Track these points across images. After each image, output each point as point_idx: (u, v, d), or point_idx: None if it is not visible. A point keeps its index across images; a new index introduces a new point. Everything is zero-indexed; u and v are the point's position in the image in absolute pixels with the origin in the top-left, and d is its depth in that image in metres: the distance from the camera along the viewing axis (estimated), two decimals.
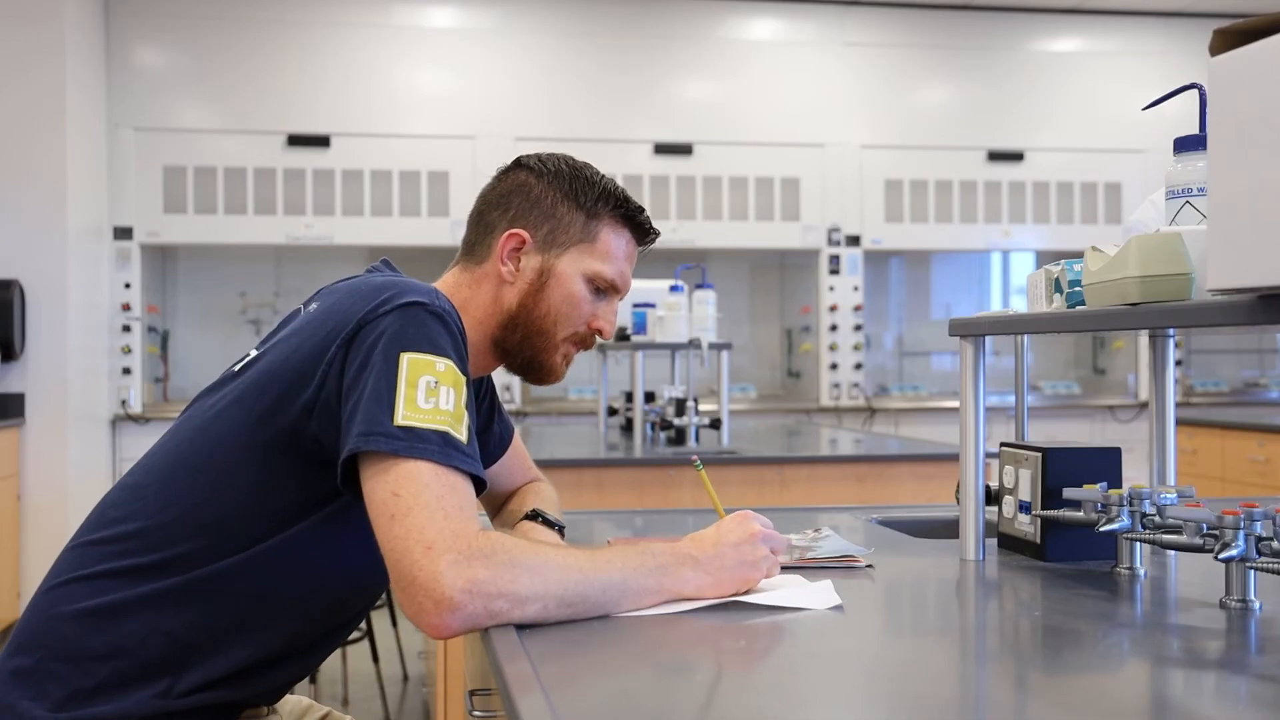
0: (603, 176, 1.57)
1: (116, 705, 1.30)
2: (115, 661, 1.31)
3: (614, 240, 1.55)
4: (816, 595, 1.37)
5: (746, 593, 1.35)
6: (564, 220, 1.53)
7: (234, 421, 1.37)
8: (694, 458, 1.60)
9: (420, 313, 1.31)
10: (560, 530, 1.65)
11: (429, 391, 1.26)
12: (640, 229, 1.59)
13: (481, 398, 1.71)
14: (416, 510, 1.20)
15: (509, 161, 1.60)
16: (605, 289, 1.56)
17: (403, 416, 1.24)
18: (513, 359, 1.57)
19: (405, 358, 1.27)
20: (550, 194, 1.54)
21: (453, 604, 1.16)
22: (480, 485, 1.31)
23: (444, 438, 1.25)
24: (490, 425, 1.73)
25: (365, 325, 1.31)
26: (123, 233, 5.93)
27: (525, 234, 1.52)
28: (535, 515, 1.65)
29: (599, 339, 1.60)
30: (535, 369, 1.57)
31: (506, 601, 1.18)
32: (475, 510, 1.25)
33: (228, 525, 1.35)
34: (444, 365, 1.29)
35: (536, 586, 1.20)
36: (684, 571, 1.31)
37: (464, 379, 1.32)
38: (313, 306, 1.44)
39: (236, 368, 1.45)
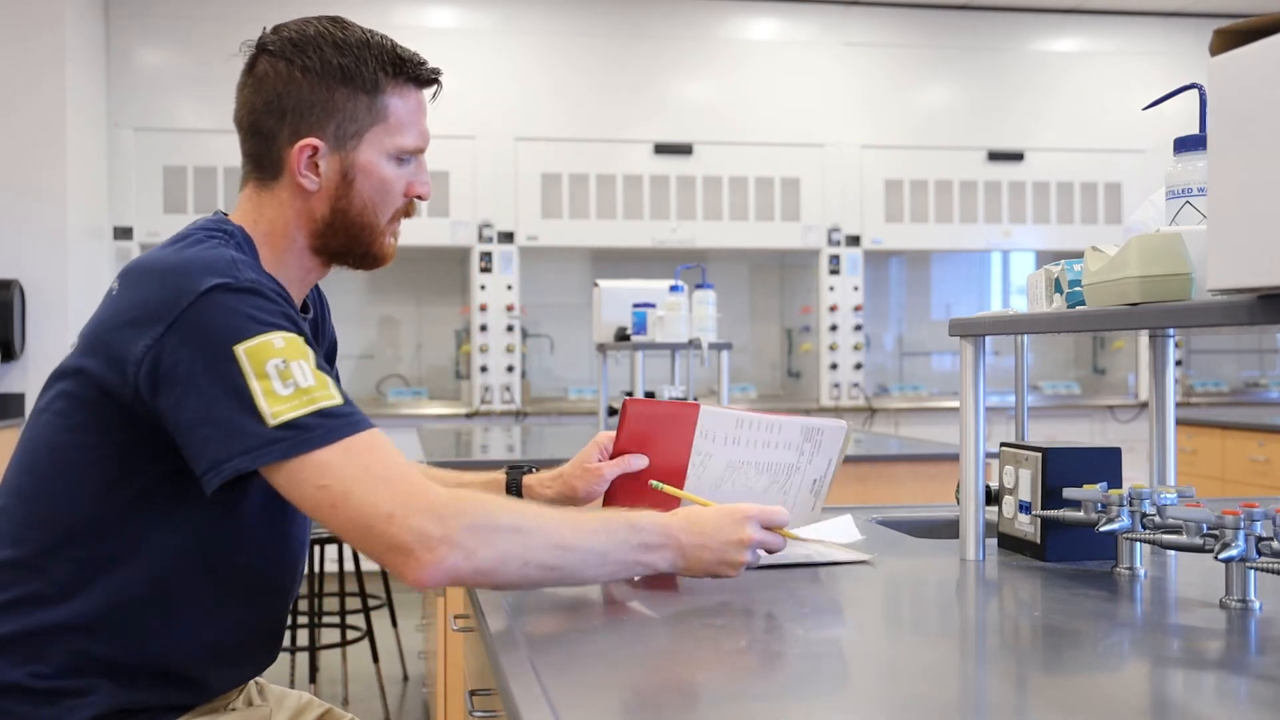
0: (364, 38, 1.42)
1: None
2: (46, 683, 1.27)
3: (403, 107, 1.43)
4: (839, 532, 1.40)
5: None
6: (347, 110, 1.40)
7: (67, 420, 1.30)
8: (650, 483, 1.53)
9: (226, 296, 1.22)
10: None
11: (282, 375, 1.20)
12: (424, 81, 1.45)
13: (319, 328, 1.59)
14: (353, 489, 1.18)
15: (251, 48, 1.44)
16: (412, 155, 1.45)
17: (272, 416, 1.18)
18: (340, 258, 1.46)
19: (239, 350, 1.20)
20: (322, 86, 1.39)
21: (435, 557, 1.17)
22: None
23: (321, 414, 1.20)
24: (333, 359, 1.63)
25: (177, 322, 1.22)
26: (123, 233, 5.93)
27: (316, 141, 1.39)
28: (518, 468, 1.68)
29: (420, 202, 1.48)
30: (367, 261, 1.47)
31: (489, 558, 1.19)
32: (402, 456, 1.23)
33: (99, 527, 1.29)
34: (281, 339, 1.22)
35: (516, 548, 1.21)
36: (666, 554, 1.31)
37: (302, 337, 1.25)
38: (114, 287, 1.34)
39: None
